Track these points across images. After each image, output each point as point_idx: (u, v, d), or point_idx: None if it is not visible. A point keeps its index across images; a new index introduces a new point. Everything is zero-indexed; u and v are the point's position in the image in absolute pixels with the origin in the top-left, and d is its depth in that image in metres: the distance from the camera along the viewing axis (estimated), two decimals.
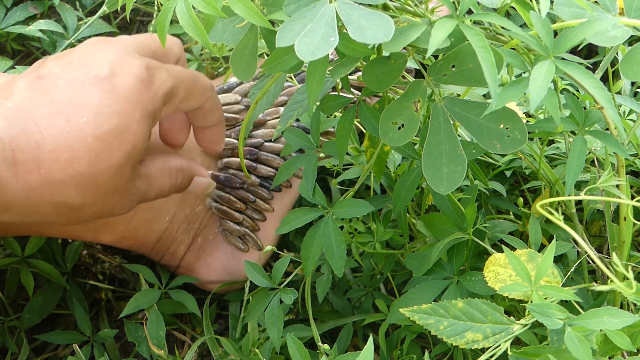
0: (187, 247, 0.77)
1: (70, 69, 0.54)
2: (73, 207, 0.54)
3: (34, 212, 0.53)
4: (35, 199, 0.52)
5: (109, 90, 0.53)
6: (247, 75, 0.53)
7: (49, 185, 0.52)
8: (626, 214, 0.59)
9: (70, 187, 0.52)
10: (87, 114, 0.52)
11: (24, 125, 0.51)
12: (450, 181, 0.50)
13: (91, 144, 0.52)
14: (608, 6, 0.51)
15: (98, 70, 0.54)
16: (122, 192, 0.56)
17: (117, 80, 0.54)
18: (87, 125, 0.52)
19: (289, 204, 0.80)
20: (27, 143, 0.51)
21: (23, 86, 0.53)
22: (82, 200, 0.54)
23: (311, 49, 0.39)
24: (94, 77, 0.53)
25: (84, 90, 0.53)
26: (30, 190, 0.52)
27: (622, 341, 0.49)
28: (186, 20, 0.44)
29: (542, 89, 0.43)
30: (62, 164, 0.51)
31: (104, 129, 0.52)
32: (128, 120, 0.53)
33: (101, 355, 0.75)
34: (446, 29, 0.43)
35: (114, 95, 0.53)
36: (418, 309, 0.54)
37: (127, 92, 0.53)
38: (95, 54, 0.55)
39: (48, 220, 0.55)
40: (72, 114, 0.52)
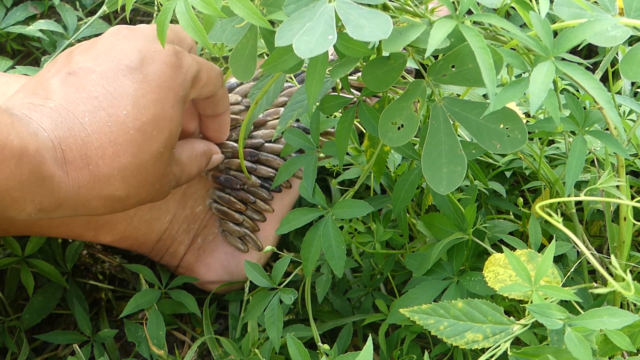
0: (187, 247, 0.77)
1: (100, 61, 0.55)
2: (119, 199, 0.55)
3: (83, 207, 0.54)
4: (84, 195, 0.53)
5: (142, 80, 0.54)
6: (247, 76, 0.53)
7: (97, 180, 0.53)
8: (626, 214, 0.59)
9: (116, 180, 0.54)
10: (125, 107, 0.53)
11: (69, 124, 0.52)
12: (449, 181, 0.50)
13: (133, 135, 0.54)
14: (608, 6, 0.51)
15: (129, 60, 0.55)
16: (162, 179, 0.58)
17: (148, 69, 0.55)
18: (128, 117, 0.53)
19: (289, 205, 0.80)
20: (75, 142, 0.52)
21: (58, 84, 0.54)
22: (127, 192, 0.55)
23: (309, 46, 0.40)
24: (126, 67, 0.55)
25: (118, 82, 0.54)
26: (80, 187, 0.53)
27: (622, 341, 0.49)
28: (186, 20, 0.44)
29: (543, 91, 0.43)
30: (108, 159, 0.53)
31: (143, 119, 0.54)
32: (163, 107, 0.55)
33: (101, 355, 0.75)
34: (445, 29, 0.43)
35: (147, 85, 0.54)
36: (418, 309, 0.54)
37: (160, 79, 0.55)
38: (121, 43, 0.56)
39: (96, 213, 0.56)
40: (111, 108, 0.53)
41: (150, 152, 0.55)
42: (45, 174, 0.50)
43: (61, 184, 0.52)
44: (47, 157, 0.50)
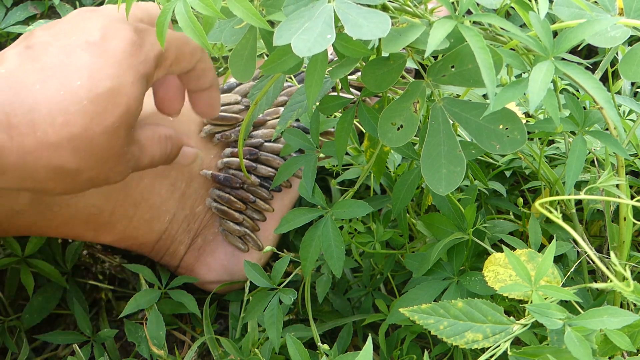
0: (187, 247, 0.77)
1: (60, 37, 0.54)
2: (69, 172, 0.54)
3: (30, 177, 0.53)
4: (31, 163, 0.52)
5: (100, 55, 0.53)
6: (246, 76, 0.53)
7: (44, 148, 0.52)
8: (626, 214, 0.59)
9: (66, 150, 0.52)
10: (80, 78, 0.52)
11: (16, 90, 0.51)
12: (449, 182, 0.50)
13: (86, 106, 0.52)
14: (607, 6, 0.51)
15: (88, 35, 0.54)
16: (117, 157, 0.56)
17: (108, 45, 0.54)
18: (81, 88, 0.52)
19: (289, 204, 0.80)
20: (21, 107, 0.51)
21: (13, 54, 0.53)
22: (78, 164, 0.54)
23: (308, 45, 0.40)
24: (85, 42, 0.54)
25: (76, 55, 0.53)
26: (26, 153, 0.52)
27: (622, 341, 0.49)
28: (185, 21, 0.44)
29: (542, 90, 0.43)
30: (57, 127, 0.52)
31: (98, 91, 0.53)
32: (121, 82, 0.54)
33: (101, 355, 0.75)
34: (445, 29, 0.43)
35: (106, 59, 0.53)
36: (418, 309, 0.54)
37: (119, 55, 0.54)
38: (84, 22, 0.56)
39: (44, 187, 0.55)
40: (65, 78, 0.52)
41: (104, 125, 0.53)
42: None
43: (4, 148, 0.51)
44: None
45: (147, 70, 0.56)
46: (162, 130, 0.63)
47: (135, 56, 0.55)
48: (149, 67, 0.56)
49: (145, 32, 0.56)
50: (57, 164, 0.53)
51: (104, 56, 0.53)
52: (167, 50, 0.58)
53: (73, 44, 0.54)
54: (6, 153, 0.51)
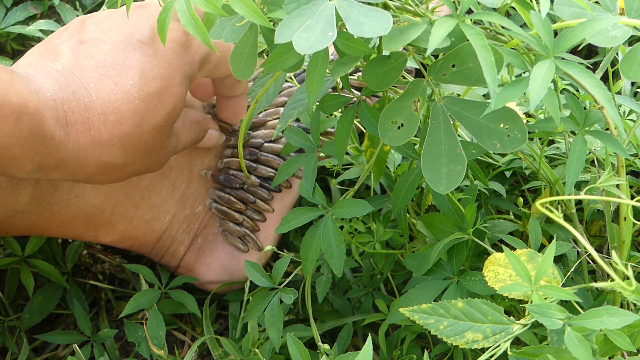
0: (187, 247, 0.77)
1: (111, 33, 0.56)
2: (117, 166, 0.56)
3: (81, 171, 0.55)
4: (84, 159, 0.54)
5: (151, 55, 0.56)
6: (246, 74, 0.53)
7: (97, 145, 0.54)
8: (626, 214, 0.59)
9: (116, 148, 0.55)
10: (132, 77, 0.54)
11: (74, 88, 0.53)
12: (449, 181, 0.50)
13: (137, 106, 0.54)
14: (608, 6, 0.51)
15: (140, 34, 0.56)
16: (160, 150, 0.59)
17: (158, 45, 0.56)
18: (133, 88, 0.54)
19: (289, 205, 0.80)
20: (78, 105, 0.53)
21: (68, 50, 0.55)
22: (125, 159, 0.56)
23: (309, 43, 0.40)
24: (137, 41, 0.56)
25: (128, 54, 0.55)
26: (80, 150, 0.54)
27: (622, 341, 0.49)
28: (187, 18, 0.44)
29: (542, 89, 0.43)
30: (110, 125, 0.54)
31: (149, 91, 0.55)
32: (170, 82, 0.56)
33: (101, 355, 0.75)
34: (446, 28, 0.43)
35: (157, 59, 0.56)
36: (418, 309, 0.54)
37: (168, 56, 0.56)
38: (134, 19, 0.58)
39: (92, 179, 0.57)
40: (118, 77, 0.54)
41: (152, 124, 0.56)
42: (46, 133, 0.51)
43: (61, 144, 0.53)
44: (47, 116, 0.51)
45: (192, 71, 0.58)
46: (192, 115, 0.66)
47: (183, 57, 0.57)
48: (194, 68, 0.58)
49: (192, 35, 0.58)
50: (107, 160, 0.55)
51: (155, 56, 0.56)
52: (211, 55, 0.60)
53: (125, 41, 0.56)
54: (62, 149, 0.53)
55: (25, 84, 0.50)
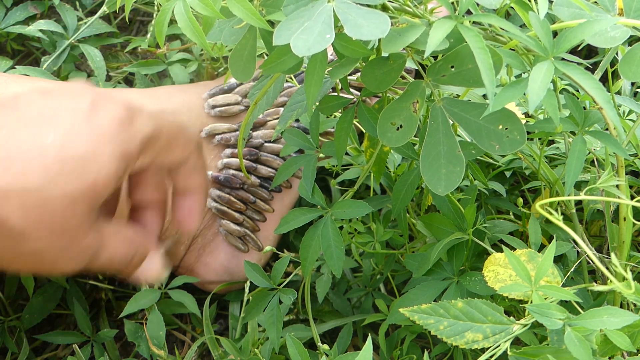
0: (187, 247, 0.77)
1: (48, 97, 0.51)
2: (12, 232, 0.48)
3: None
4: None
5: (83, 120, 0.49)
6: (246, 77, 0.53)
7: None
8: (626, 214, 0.59)
9: (14, 202, 0.47)
10: (55, 134, 0.48)
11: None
12: (448, 182, 0.50)
13: (50, 163, 0.47)
14: (607, 6, 0.51)
15: (78, 102, 0.50)
16: (72, 235, 0.50)
17: (95, 115, 0.50)
18: (52, 145, 0.48)
19: (289, 205, 0.80)
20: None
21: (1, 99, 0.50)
22: (24, 225, 0.48)
23: (307, 45, 0.39)
24: (72, 107, 0.50)
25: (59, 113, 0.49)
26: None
27: (622, 341, 0.49)
28: (184, 22, 0.44)
29: (542, 90, 0.43)
30: (12, 174, 0.47)
31: (68, 153, 0.48)
32: (97, 151, 0.49)
33: (101, 355, 0.75)
34: (444, 29, 0.43)
35: (89, 127, 0.49)
36: (418, 309, 0.54)
37: (104, 127, 0.50)
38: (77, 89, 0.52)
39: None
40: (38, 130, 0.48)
41: (64, 190, 0.48)
42: None
43: None
44: None
45: (130, 150, 0.51)
46: (130, 232, 0.56)
47: (121, 132, 0.50)
48: (132, 147, 0.51)
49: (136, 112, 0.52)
50: (1, 215, 0.47)
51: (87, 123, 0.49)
52: (159, 133, 0.53)
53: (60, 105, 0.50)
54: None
55: None
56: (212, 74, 0.89)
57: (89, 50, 0.89)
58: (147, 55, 0.94)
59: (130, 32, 1.02)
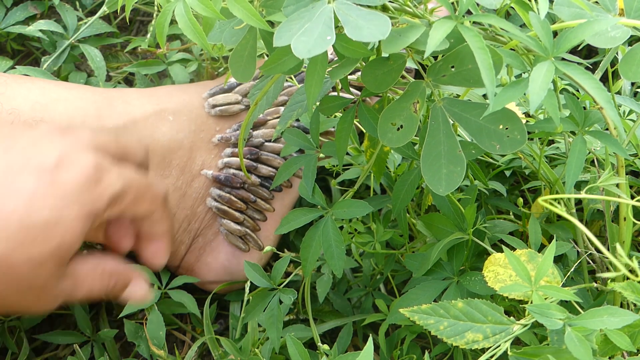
0: (188, 247, 0.77)
1: (13, 152, 0.51)
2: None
3: None
4: None
5: (48, 183, 0.50)
6: (246, 77, 0.53)
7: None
8: (626, 214, 0.59)
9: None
10: (16, 203, 0.49)
11: None
12: (449, 182, 0.50)
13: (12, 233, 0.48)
14: (608, 6, 0.51)
15: (43, 159, 0.51)
16: (41, 290, 0.51)
17: (60, 174, 0.50)
18: (14, 214, 0.48)
19: (289, 204, 0.80)
20: None
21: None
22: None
23: (307, 46, 0.39)
24: (36, 166, 0.50)
25: (21, 178, 0.49)
26: None
27: (622, 341, 0.49)
28: (185, 22, 0.44)
29: (542, 90, 0.43)
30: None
31: (31, 221, 0.49)
32: (61, 216, 0.49)
33: (101, 355, 0.75)
34: (444, 30, 0.43)
35: (53, 190, 0.50)
36: (418, 309, 0.54)
37: (69, 188, 0.50)
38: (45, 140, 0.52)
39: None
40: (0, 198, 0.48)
41: (28, 256, 0.49)
42: None
43: None
44: None
45: (97, 209, 0.51)
46: (108, 266, 0.57)
47: (87, 193, 0.51)
48: (99, 206, 0.51)
49: (106, 169, 0.52)
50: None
51: (51, 186, 0.49)
52: (127, 192, 0.54)
53: (23, 163, 0.50)
54: None
55: None
56: (212, 73, 0.89)
57: (89, 50, 0.89)
58: (147, 55, 0.94)
59: (130, 32, 1.02)
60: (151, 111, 0.73)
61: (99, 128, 0.70)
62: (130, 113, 0.72)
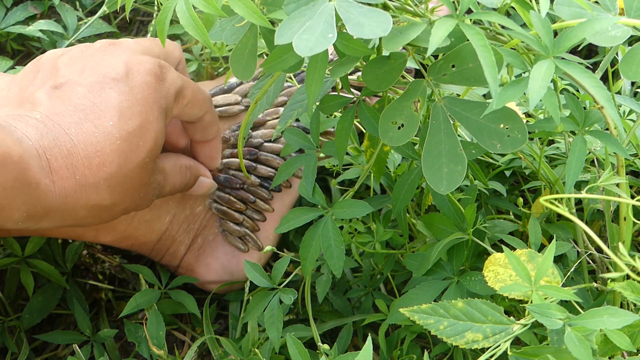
0: (187, 247, 0.77)
1: (86, 74, 0.56)
2: (106, 208, 0.56)
3: (70, 217, 0.55)
4: (72, 204, 0.54)
5: (127, 92, 0.56)
6: (247, 75, 0.53)
7: (83, 190, 0.54)
8: (626, 214, 0.59)
9: (103, 190, 0.55)
10: (111, 117, 0.54)
11: (54, 134, 0.53)
12: (450, 181, 0.50)
13: (120, 146, 0.55)
14: (608, 6, 0.51)
15: (114, 72, 0.56)
16: (146, 187, 0.59)
17: (133, 80, 0.56)
18: (114, 128, 0.54)
19: (289, 204, 0.80)
20: (60, 151, 0.53)
21: (44, 97, 0.55)
22: (113, 200, 0.56)
23: (309, 45, 0.40)
24: (111, 80, 0.56)
25: (104, 94, 0.55)
26: (67, 196, 0.54)
27: (622, 341, 0.49)
28: (186, 19, 0.44)
29: (542, 88, 0.43)
30: (94, 168, 0.54)
31: (129, 129, 0.55)
32: (148, 118, 0.56)
33: (101, 355, 0.75)
34: (446, 28, 0.43)
35: (133, 96, 0.56)
36: (418, 309, 0.54)
37: (144, 91, 0.56)
38: (107, 57, 0.58)
39: (82, 223, 0.57)
40: (98, 120, 0.54)
41: (136, 162, 0.56)
42: (31, 181, 0.51)
43: (48, 192, 0.52)
44: (32, 164, 0.51)
45: (168, 104, 0.58)
46: (184, 161, 0.66)
47: (158, 91, 0.57)
48: (169, 101, 0.58)
49: (166, 67, 0.59)
50: (95, 202, 0.55)
51: (130, 93, 0.56)
52: (185, 90, 0.60)
53: (100, 81, 0.56)
54: (49, 196, 0.53)
55: (8, 133, 0.50)
56: (212, 74, 0.89)
57: None
58: None
59: (130, 32, 1.02)
60: None
61: None
62: None
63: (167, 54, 0.64)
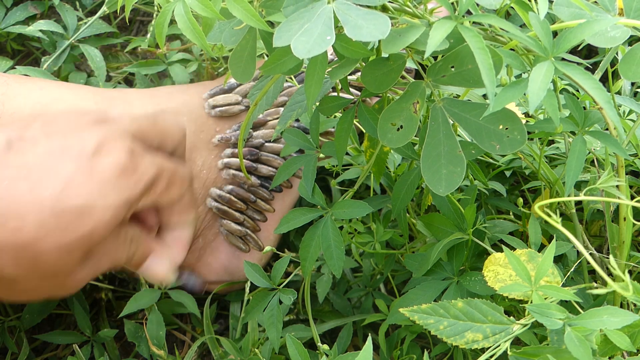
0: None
1: (54, 137, 0.51)
2: (6, 279, 0.49)
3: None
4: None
5: (86, 170, 0.50)
6: (246, 77, 0.53)
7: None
8: (626, 214, 0.59)
9: (7, 255, 0.48)
10: (53, 187, 0.48)
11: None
12: (449, 182, 0.50)
13: (45, 218, 0.48)
14: (607, 6, 0.51)
15: (82, 146, 0.50)
16: (66, 276, 0.51)
17: (98, 161, 0.50)
18: (49, 198, 0.48)
19: (289, 204, 0.80)
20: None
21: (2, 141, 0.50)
22: (16, 273, 0.49)
23: (307, 47, 0.39)
24: (77, 152, 0.50)
25: (61, 162, 0.49)
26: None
27: (622, 341, 0.49)
28: (184, 23, 0.44)
29: (542, 90, 0.43)
30: (7, 230, 0.47)
31: (64, 206, 0.48)
32: (95, 203, 0.49)
33: (101, 355, 0.75)
34: (444, 30, 0.43)
35: (90, 176, 0.49)
36: (418, 309, 0.54)
37: (106, 175, 0.50)
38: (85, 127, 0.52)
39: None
40: (37, 183, 0.48)
41: (58, 244, 0.48)
42: None
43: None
44: None
45: (133, 197, 0.52)
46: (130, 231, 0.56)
47: (124, 180, 0.51)
48: (135, 193, 0.52)
49: (140, 157, 0.52)
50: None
51: (89, 172, 0.50)
52: (160, 176, 0.54)
53: (63, 148, 0.50)
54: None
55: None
56: (212, 74, 0.89)
57: (89, 51, 0.89)
58: (147, 55, 0.94)
59: (130, 32, 1.02)
60: (151, 111, 0.73)
61: None
62: None
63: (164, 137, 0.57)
